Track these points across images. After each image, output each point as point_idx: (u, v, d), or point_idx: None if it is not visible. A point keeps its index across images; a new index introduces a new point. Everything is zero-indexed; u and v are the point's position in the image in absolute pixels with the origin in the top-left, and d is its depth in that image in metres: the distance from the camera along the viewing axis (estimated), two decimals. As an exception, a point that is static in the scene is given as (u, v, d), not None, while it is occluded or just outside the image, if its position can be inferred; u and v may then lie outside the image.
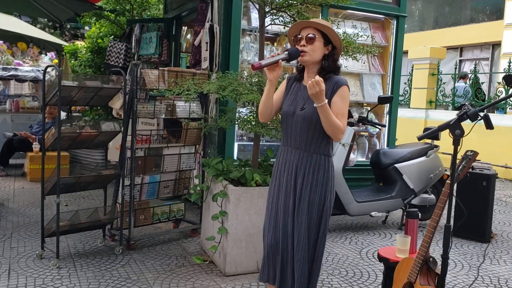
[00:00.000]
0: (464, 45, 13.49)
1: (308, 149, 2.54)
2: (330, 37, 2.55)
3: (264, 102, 2.62)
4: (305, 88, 2.56)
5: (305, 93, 2.54)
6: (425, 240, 2.54)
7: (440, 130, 2.25)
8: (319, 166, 2.54)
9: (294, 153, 2.58)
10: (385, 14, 5.67)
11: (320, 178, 2.54)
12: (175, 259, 3.93)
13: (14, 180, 6.78)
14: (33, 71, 7.92)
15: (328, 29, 2.54)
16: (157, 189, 4.40)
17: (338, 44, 2.58)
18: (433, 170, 5.12)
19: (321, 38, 2.53)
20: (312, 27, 2.54)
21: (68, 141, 3.72)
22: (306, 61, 2.55)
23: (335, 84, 2.52)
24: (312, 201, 2.54)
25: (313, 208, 2.54)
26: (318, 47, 2.53)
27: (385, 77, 5.84)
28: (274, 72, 2.52)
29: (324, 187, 2.55)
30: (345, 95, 2.52)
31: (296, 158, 2.57)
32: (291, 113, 2.57)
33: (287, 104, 2.63)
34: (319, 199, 2.55)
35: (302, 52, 2.51)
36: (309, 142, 2.53)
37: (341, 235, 4.80)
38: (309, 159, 2.54)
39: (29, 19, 13.09)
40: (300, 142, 2.56)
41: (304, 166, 2.55)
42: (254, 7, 4.87)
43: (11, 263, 3.66)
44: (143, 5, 7.81)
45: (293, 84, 2.69)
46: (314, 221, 2.55)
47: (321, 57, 2.55)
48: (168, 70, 4.12)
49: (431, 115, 10.32)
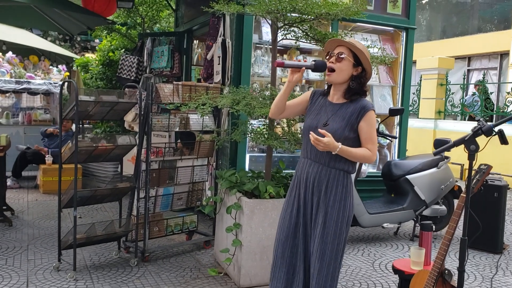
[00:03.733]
0: (472, 55, 13.50)
1: (328, 163, 2.56)
2: (361, 60, 2.58)
3: (277, 100, 2.69)
4: (330, 104, 2.63)
5: (329, 109, 2.60)
6: (440, 253, 2.57)
7: (456, 145, 2.28)
8: (337, 181, 2.56)
9: (313, 166, 2.60)
10: (395, 27, 5.73)
11: (339, 194, 2.56)
12: (189, 271, 3.96)
13: (27, 192, 6.86)
14: (45, 84, 8.04)
15: (359, 51, 2.56)
16: (171, 201, 4.45)
17: (367, 67, 2.60)
18: (444, 181, 5.13)
19: (351, 59, 2.56)
20: (345, 47, 2.58)
21: (84, 155, 3.78)
22: (332, 81, 2.60)
23: (362, 108, 2.54)
24: (330, 216, 2.54)
25: (331, 223, 2.54)
26: (347, 67, 2.56)
27: (395, 88, 5.88)
28: (294, 75, 2.57)
29: (343, 202, 2.56)
30: (372, 121, 2.55)
31: (315, 171, 2.59)
32: (314, 127, 2.59)
33: (311, 117, 2.66)
34: (337, 215, 2.55)
35: (330, 71, 2.56)
36: (329, 157, 2.55)
37: (353, 247, 4.82)
38: (328, 173, 2.56)
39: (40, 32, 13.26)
40: (321, 156, 2.58)
41: (323, 180, 2.57)
42: (265, 21, 4.96)
43: (29, 275, 3.71)
44: (154, 19, 7.92)
45: (318, 98, 2.72)
46: (331, 237, 2.54)
47: (348, 77, 2.58)
48: (182, 84, 4.19)
49: (440, 125, 10.33)
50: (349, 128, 2.53)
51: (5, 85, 7.67)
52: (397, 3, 5.69)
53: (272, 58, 3.93)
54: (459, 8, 15.55)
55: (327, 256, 2.55)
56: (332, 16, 3.43)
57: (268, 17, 3.67)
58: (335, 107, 2.60)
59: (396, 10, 5.72)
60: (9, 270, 3.82)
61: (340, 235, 2.56)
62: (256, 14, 3.65)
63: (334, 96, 2.63)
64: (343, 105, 2.59)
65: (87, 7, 5.89)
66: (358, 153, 2.49)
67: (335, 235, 2.55)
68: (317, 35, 3.72)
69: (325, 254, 2.55)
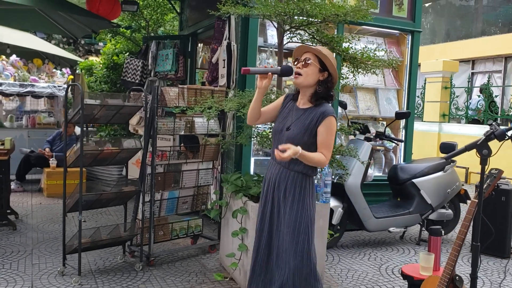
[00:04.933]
0: (476, 58, 13.44)
1: (288, 166, 2.67)
2: (326, 65, 2.66)
3: (252, 107, 2.78)
4: (297, 109, 2.72)
5: (295, 113, 2.70)
6: (451, 258, 2.53)
7: (468, 149, 2.25)
8: (295, 183, 2.66)
9: (276, 167, 2.73)
10: (400, 30, 5.70)
11: (297, 195, 2.65)
12: (195, 275, 3.93)
13: (31, 195, 6.84)
14: (49, 87, 8.03)
15: (324, 57, 2.64)
16: (176, 205, 4.42)
17: (333, 72, 2.68)
18: (451, 185, 5.10)
19: (317, 64, 2.65)
20: (311, 53, 2.68)
21: (90, 159, 3.76)
22: (299, 84, 2.69)
23: (321, 113, 2.62)
24: (289, 216, 2.64)
25: (290, 223, 2.63)
26: (312, 72, 2.64)
27: (400, 91, 5.85)
28: (262, 81, 2.66)
29: (301, 203, 2.65)
30: (330, 126, 2.61)
31: (276, 172, 2.71)
32: (279, 130, 2.71)
33: (279, 121, 2.78)
34: (295, 215, 2.63)
35: (296, 74, 2.65)
36: (289, 160, 2.61)
37: (359, 251, 4.78)
38: (287, 175, 2.67)
39: (44, 35, 13.30)
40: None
41: (283, 182, 2.68)
42: (270, 24, 4.94)
43: (34, 280, 3.69)
44: (158, 22, 7.91)
45: (289, 102, 2.82)
46: (290, 236, 2.62)
47: (315, 82, 2.66)
48: (187, 88, 4.17)
49: (445, 128, 10.29)
50: (308, 133, 2.62)
51: (9, 88, 7.66)
52: (402, 6, 5.67)
53: (278, 61, 3.91)
54: (463, 11, 15.51)
55: (286, 254, 2.63)
56: (340, 18, 3.40)
57: (275, 20, 3.65)
58: (299, 112, 2.69)
59: (402, 13, 5.69)
60: (13, 274, 3.79)
61: (299, 235, 2.62)
62: (263, 16, 3.63)
63: (301, 100, 2.74)
64: (307, 110, 2.68)
65: (91, 10, 5.88)
66: (314, 157, 2.56)
67: (293, 235, 2.62)
68: (323, 38, 3.70)
69: (284, 252, 2.63)
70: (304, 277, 2.61)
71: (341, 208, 4.60)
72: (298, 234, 2.61)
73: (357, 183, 4.61)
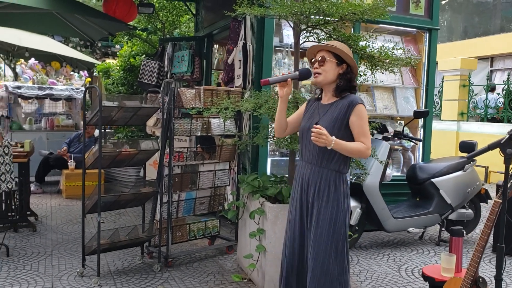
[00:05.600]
0: (495, 55, 13.23)
1: (320, 163, 2.60)
2: (342, 57, 2.63)
3: (277, 119, 2.74)
4: (323, 106, 2.68)
5: (321, 110, 2.66)
6: (474, 260, 2.48)
7: (491, 148, 2.21)
8: (329, 181, 2.58)
9: (307, 167, 2.65)
10: (418, 28, 5.63)
11: (331, 194, 2.57)
12: (212, 276, 3.93)
13: (51, 197, 6.92)
14: (67, 90, 8.13)
15: (337, 50, 2.62)
16: (193, 205, 4.43)
17: (351, 63, 2.65)
18: (471, 184, 5.01)
19: (334, 59, 2.62)
20: (324, 50, 2.65)
21: (108, 160, 3.79)
22: (319, 82, 2.66)
23: (350, 103, 2.57)
24: (323, 216, 2.56)
25: (324, 223, 2.56)
26: (330, 68, 2.62)
27: (418, 90, 5.77)
28: (283, 89, 2.64)
29: (336, 203, 2.57)
30: (362, 114, 2.56)
31: (308, 172, 2.63)
32: (307, 128, 2.64)
33: (305, 120, 2.73)
34: (330, 215, 2.56)
35: (316, 74, 2.62)
36: (321, 157, 2.59)
37: (378, 252, 4.73)
38: (320, 173, 2.59)
39: (61, 39, 13.46)
40: (313, 156, 2.62)
41: (316, 181, 2.60)
42: (286, 24, 4.92)
43: (54, 281, 3.72)
44: (174, 24, 7.95)
45: (312, 104, 2.78)
46: (325, 237, 2.55)
47: (335, 77, 2.63)
48: (203, 89, 4.17)
49: (463, 127, 10.14)
50: (338, 124, 2.56)
51: (28, 91, 7.77)
52: (419, 3, 5.60)
53: (294, 60, 3.88)
54: (481, 8, 15.28)
55: (320, 256, 2.56)
56: (357, 17, 3.37)
57: (291, 20, 3.63)
58: (326, 107, 2.66)
59: (419, 11, 5.62)
60: (34, 275, 3.84)
61: (334, 235, 2.55)
62: (279, 16, 3.61)
63: (325, 97, 2.70)
64: (333, 103, 2.64)
65: (108, 12, 5.93)
66: (352, 147, 2.50)
67: (329, 235, 2.55)
68: (341, 37, 3.67)
69: (319, 254, 2.56)
70: (336, 278, 2.56)
71: (359, 209, 4.56)
72: (333, 233, 2.54)
73: (375, 183, 4.56)
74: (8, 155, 4.41)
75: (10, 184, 4.42)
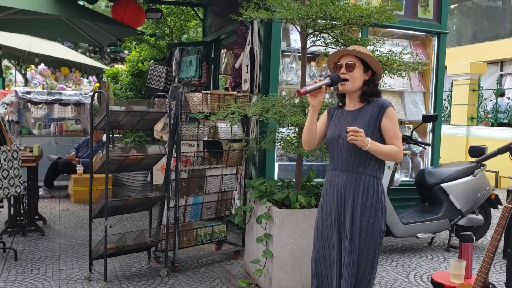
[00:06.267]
0: (504, 59, 13.13)
1: (356, 170, 2.51)
2: (369, 64, 2.57)
3: (308, 129, 2.62)
4: (348, 113, 2.60)
5: (349, 116, 2.58)
6: (484, 266, 2.44)
7: (501, 152, 2.18)
8: (368, 187, 2.50)
9: (342, 175, 2.56)
10: (426, 32, 5.60)
11: (369, 201, 2.49)
12: (219, 281, 3.91)
13: (59, 201, 6.95)
14: (76, 95, 8.18)
15: (367, 57, 2.55)
16: (200, 210, 4.42)
17: (378, 69, 2.59)
18: (481, 189, 4.95)
19: (361, 65, 2.56)
20: (351, 55, 2.57)
21: (115, 165, 3.79)
22: (348, 90, 2.58)
23: (380, 106, 2.52)
24: (361, 223, 2.48)
25: (362, 231, 2.48)
26: (359, 74, 2.55)
27: (427, 94, 5.73)
28: (316, 98, 2.52)
29: (374, 209, 2.49)
30: (393, 117, 2.53)
31: (344, 180, 2.54)
32: (337, 136, 2.57)
33: (332, 129, 2.63)
34: (368, 222, 2.48)
35: (344, 80, 2.53)
36: (356, 163, 2.51)
37: (386, 258, 4.68)
38: (357, 180, 2.51)
39: (71, 44, 13.59)
40: (348, 164, 2.54)
41: (353, 188, 2.51)
42: (293, 28, 4.91)
43: (61, 285, 3.73)
44: (182, 29, 7.98)
45: (335, 112, 2.70)
46: (362, 245, 2.48)
47: (361, 83, 2.57)
48: (211, 93, 4.17)
49: (473, 131, 10.05)
50: (372, 128, 2.49)
51: (37, 97, 7.83)
52: (428, 7, 5.57)
53: (301, 65, 3.87)
54: (490, 12, 15.18)
55: (359, 266, 2.49)
56: (364, 20, 3.35)
57: (298, 24, 3.62)
58: (354, 113, 2.58)
59: (427, 15, 5.59)
60: (41, 279, 3.84)
61: (371, 243, 2.49)
62: (286, 20, 3.60)
63: (351, 104, 2.62)
64: (361, 109, 2.57)
65: (116, 18, 5.97)
66: (387, 149, 2.46)
67: (365, 244, 2.48)
68: (348, 41, 3.65)
69: (357, 263, 2.49)
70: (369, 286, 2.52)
71: (367, 214, 4.51)
72: (370, 242, 2.48)
73: (383, 188, 4.51)
74: (17, 160, 4.44)
75: (18, 188, 4.44)
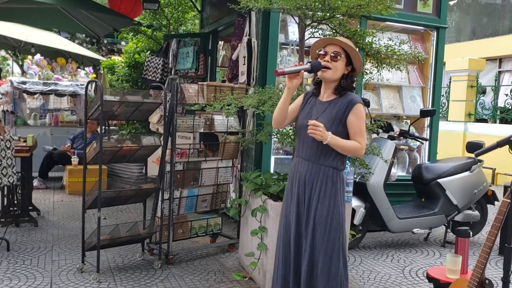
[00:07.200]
0: (503, 56, 13.08)
1: (317, 161, 2.59)
2: (352, 58, 2.61)
3: (280, 108, 2.69)
4: (320, 103, 2.66)
5: (320, 107, 2.64)
6: (480, 261, 2.41)
7: (500, 146, 2.14)
8: (327, 178, 2.57)
9: (304, 164, 2.63)
10: (425, 26, 5.55)
11: (328, 191, 2.56)
12: (213, 274, 3.88)
13: (54, 192, 6.91)
14: (72, 86, 8.12)
15: (353, 51, 2.60)
16: (195, 203, 4.38)
17: (358, 66, 2.64)
18: (477, 185, 4.93)
19: (345, 58, 2.60)
20: (337, 45, 2.60)
21: (109, 156, 3.74)
22: (327, 78, 2.61)
23: (349, 101, 2.57)
24: (320, 212, 2.55)
25: (321, 220, 2.54)
26: (341, 66, 2.60)
27: (425, 89, 5.69)
28: (293, 80, 2.59)
29: (333, 199, 2.56)
30: (360, 114, 2.57)
31: (305, 169, 2.62)
32: (305, 125, 2.61)
33: (302, 116, 2.70)
34: (327, 212, 2.55)
35: (325, 68, 2.57)
36: (318, 154, 2.58)
37: (382, 253, 4.66)
38: (317, 171, 2.59)
39: (67, 35, 13.48)
40: (310, 154, 2.61)
41: (313, 178, 2.59)
42: (292, 21, 4.85)
43: (53, 277, 3.69)
44: (179, 21, 7.90)
45: (309, 98, 2.75)
46: (321, 234, 2.54)
47: (340, 76, 2.61)
48: (207, 84, 4.12)
49: (471, 128, 10.03)
50: (337, 123, 2.55)
51: (33, 87, 7.77)
52: (427, 1, 5.52)
53: (299, 57, 3.82)
54: (490, 9, 15.12)
55: (318, 252, 2.54)
56: (363, 9, 3.29)
57: (295, 14, 3.57)
58: (324, 105, 2.64)
59: (427, 9, 5.54)
60: (33, 270, 3.80)
61: (331, 232, 2.54)
62: (283, 10, 3.55)
63: (324, 94, 2.67)
64: (332, 101, 2.62)
65: (113, 8, 5.90)
66: (347, 144, 2.52)
67: (325, 232, 2.54)
68: (346, 32, 3.60)
69: (316, 250, 2.54)
70: (333, 277, 2.53)
71: (363, 208, 4.49)
72: (330, 231, 2.53)
73: (380, 182, 4.49)
74: (10, 149, 4.38)
75: (11, 178, 4.40)
